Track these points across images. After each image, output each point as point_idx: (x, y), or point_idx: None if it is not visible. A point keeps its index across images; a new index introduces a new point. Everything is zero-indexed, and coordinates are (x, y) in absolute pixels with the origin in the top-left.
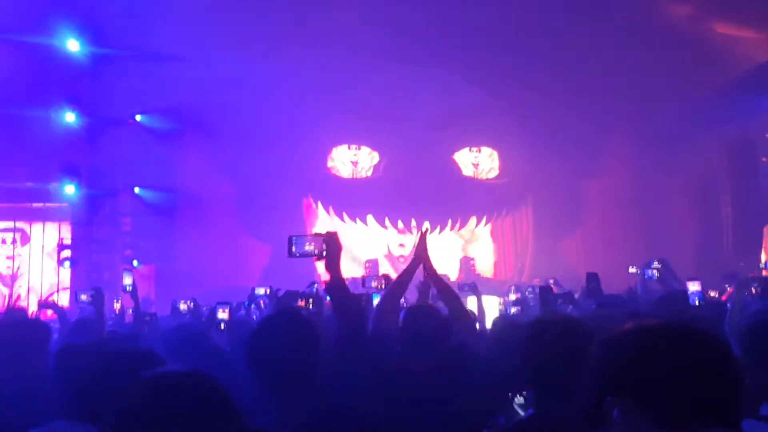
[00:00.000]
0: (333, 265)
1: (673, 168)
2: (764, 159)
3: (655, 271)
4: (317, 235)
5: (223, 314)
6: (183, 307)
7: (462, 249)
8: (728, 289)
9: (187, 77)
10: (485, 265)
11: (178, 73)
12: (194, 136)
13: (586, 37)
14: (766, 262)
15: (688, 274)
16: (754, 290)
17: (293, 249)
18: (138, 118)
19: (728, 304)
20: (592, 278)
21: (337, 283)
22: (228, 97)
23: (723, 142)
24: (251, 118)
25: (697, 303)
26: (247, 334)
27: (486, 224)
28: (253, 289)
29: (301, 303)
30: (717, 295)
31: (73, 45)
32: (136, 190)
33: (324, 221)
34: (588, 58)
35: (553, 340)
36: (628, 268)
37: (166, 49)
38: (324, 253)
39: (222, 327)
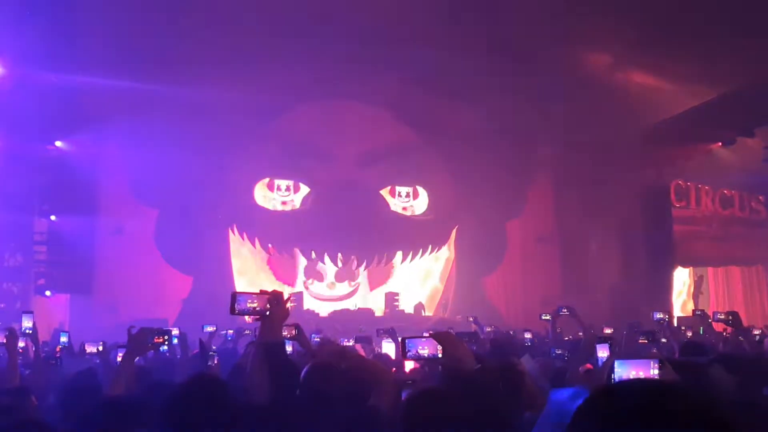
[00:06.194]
0: (275, 327)
1: (592, 212)
2: (677, 205)
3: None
4: (262, 293)
5: None
6: (90, 349)
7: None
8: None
9: (108, 101)
10: (411, 300)
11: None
12: (116, 162)
13: (511, 85)
14: (661, 317)
15: (603, 315)
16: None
17: (235, 306)
18: (58, 143)
19: None
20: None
21: (276, 345)
22: (153, 122)
23: (638, 187)
24: (176, 144)
25: None
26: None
27: (411, 260)
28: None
29: (158, 339)
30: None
31: None
32: (53, 217)
33: (249, 254)
34: (513, 104)
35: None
36: (546, 304)
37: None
38: (267, 313)
39: None
